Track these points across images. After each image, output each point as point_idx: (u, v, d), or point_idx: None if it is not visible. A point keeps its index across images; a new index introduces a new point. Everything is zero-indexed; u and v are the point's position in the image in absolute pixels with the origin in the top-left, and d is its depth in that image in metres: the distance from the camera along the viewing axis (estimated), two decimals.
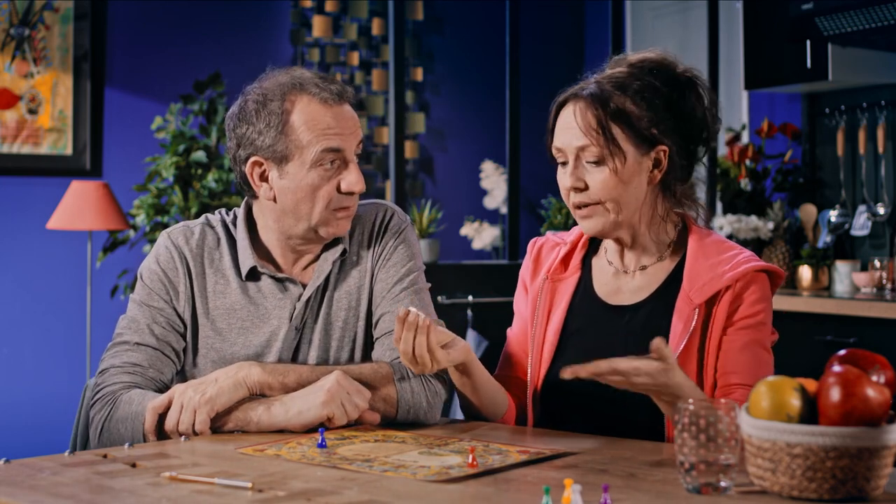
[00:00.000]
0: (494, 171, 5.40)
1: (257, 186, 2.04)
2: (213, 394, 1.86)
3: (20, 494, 1.47)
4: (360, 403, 1.88)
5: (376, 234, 2.11)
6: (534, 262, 2.14)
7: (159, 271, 2.05)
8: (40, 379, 4.73)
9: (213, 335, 2.04)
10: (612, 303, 2.03)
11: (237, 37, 5.17)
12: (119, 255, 4.67)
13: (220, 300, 2.05)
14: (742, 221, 4.40)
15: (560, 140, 1.97)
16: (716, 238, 2.01)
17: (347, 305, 2.07)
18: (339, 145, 1.99)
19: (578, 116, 1.94)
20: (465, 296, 4.68)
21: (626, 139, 1.92)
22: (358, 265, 2.10)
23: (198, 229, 2.10)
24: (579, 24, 5.98)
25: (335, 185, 2.01)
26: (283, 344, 2.03)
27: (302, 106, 2.00)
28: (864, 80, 4.25)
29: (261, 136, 2.01)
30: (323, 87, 2.01)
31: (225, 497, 1.45)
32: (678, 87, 1.96)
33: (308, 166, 1.99)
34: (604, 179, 1.93)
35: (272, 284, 2.06)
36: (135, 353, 2.00)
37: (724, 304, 1.91)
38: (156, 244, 2.10)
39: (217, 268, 2.07)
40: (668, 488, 1.49)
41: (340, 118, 2.01)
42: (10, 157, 4.69)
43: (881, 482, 1.42)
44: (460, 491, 1.49)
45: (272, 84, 2.04)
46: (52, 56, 4.77)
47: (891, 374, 1.47)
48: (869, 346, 1.79)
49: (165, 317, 2.03)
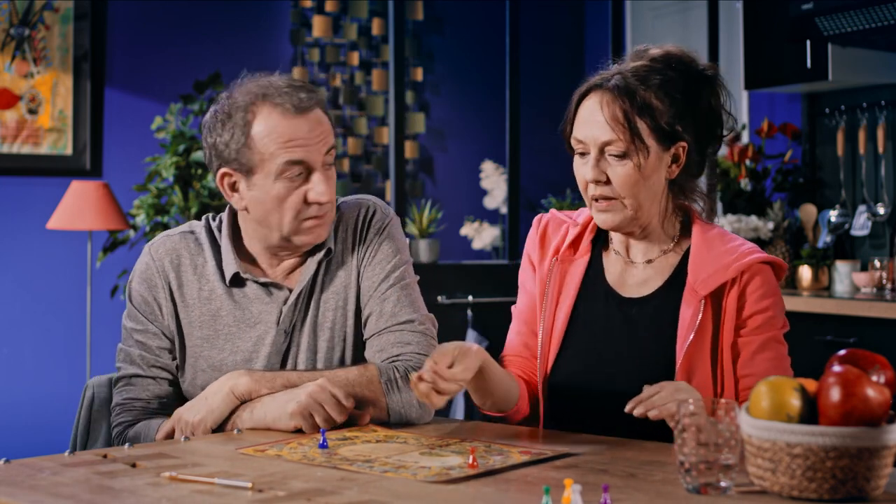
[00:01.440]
0: (494, 171, 5.39)
1: (229, 196, 2.03)
2: (205, 414, 1.92)
3: (20, 494, 1.47)
4: (335, 415, 1.86)
5: (360, 231, 2.09)
6: (540, 238, 2.12)
7: (141, 289, 2.06)
8: (40, 379, 4.73)
9: (201, 343, 2.04)
10: (621, 293, 2.03)
11: (237, 37, 5.17)
12: (119, 255, 4.67)
13: (206, 306, 2.05)
14: (742, 221, 4.40)
15: (583, 132, 1.95)
16: (719, 230, 2.01)
17: (335, 306, 2.06)
18: (302, 157, 1.96)
19: (605, 109, 1.92)
20: (465, 296, 4.67)
21: (649, 134, 1.92)
22: (343, 264, 2.08)
23: (177, 237, 2.09)
24: (579, 24, 5.98)
25: (302, 196, 1.98)
26: (272, 348, 2.03)
27: (263, 117, 1.96)
28: (864, 80, 4.25)
29: (227, 148, 1.99)
30: (287, 95, 1.96)
31: (225, 497, 1.45)
32: (698, 82, 1.97)
33: (273, 178, 1.96)
34: (626, 174, 1.92)
35: (257, 289, 2.05)
36: (133, 388, 2.04)
37: (733, 298, 1.92)
38: (139, 259, 2.10)
39: (200, 274, 2.06)
40: (668, 488, 1.49)
41: (304, 128, 1.96)
42: (10, 157, 4.69)
43: (881, 482, 1.42)
44: (460, 491, 1.49)
45: (239, 93, 2.00)
46: (52, 56, 4.77)
47: (891, 374, 1.47)
48: (869, 346, 1.80)
49: (153, 339, 2.04)
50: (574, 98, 1.99)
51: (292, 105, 1.96)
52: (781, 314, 1.96)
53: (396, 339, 2.01)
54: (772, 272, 1.97)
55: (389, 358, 2.00)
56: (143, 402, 2.03)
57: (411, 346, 2.01)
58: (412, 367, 1.97)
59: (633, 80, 1.93)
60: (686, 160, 1.97)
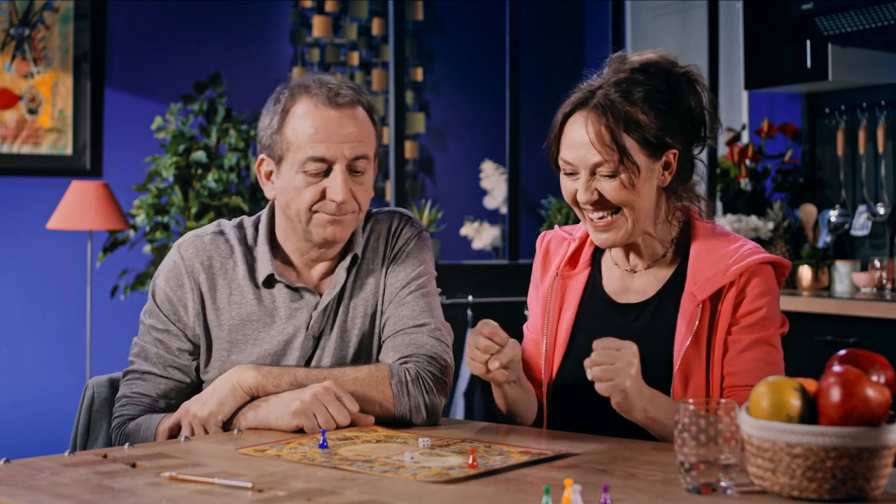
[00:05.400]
0: (494, 171, 5.40)
1: (263, 184, 2.04)
2: (215, 407, 1.91)
3: (20, 494, 1.47)
4: (337, 417, 1.86)
5: (390, 240, 2.09)
6: (543, 257, 2.14)
7: (167, 289, 2.04)
8: (40, 379, 4.73)
9: (230, 346, 2.02)
10: (620, 301, 2.04)
11: (237, 37, 5.17)
12: (119, 255, 4.67)
13: (236, 311, 2.03)
14: (742, 221, 4.40)
15: (570, 154, 1.94)
16: (720, 231, 2.01)
17: (364, 313, 2.06)
18: (323, 154, 1.95)
19: (591, 131, 1.91)
20: (465, 296, 4.68)
21: (639, 150, 1.91)
22: (373, 272, 2.08)
23: (208, 238, 2.07)
24: (579, 24, 5.98)
25: (320, 191, 1.97)
26: (300, 353, 2.02)
27: (299, 106, 1.98)
28: (864, 80, 4.25)
29: (266, 133, 2.01)
30: (327, 88, 1.97)
31: (225, 497, 1.45)
32: (678, 86, 1.96)
33: (295, 169, 1.97)
34: (618, 188, 1.92)
35: (287, 292, 2.04)
36: (144, 384, 2.03)
37: (729, 300, 1.92)
38: (166, 257, 2.08)
39: (231, 278, 2.04)
40: (668, 488, 1.49)
41: (334, 121, 1.96)
42: (10, 157, 4.69)
43: (881, 482, 1.42)
44: (460, 491, 1.49)
45: (293, 83, 2.02)
46: (52, 56, 4.77)
47: (891, 374, 1.47)
48: (869, 346, 1.79)
49: (174, 340, 2.03)
50: (558, 117, 1.97)
51: (327, 98, 1.96)
52: (776, 315, 1.95)
53: (411, 340, 2.01)
54: (772, 272, 1.96)
55: (402, 358, 2.00)
56: (151, 399, 2.02)
57: (425, 348, 2.00)
58: (423, 370, 1.97)
59: (617, 95, 1.91)
60: (677, 165, 1.97)
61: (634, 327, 1.99)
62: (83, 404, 2.18)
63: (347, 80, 2.04)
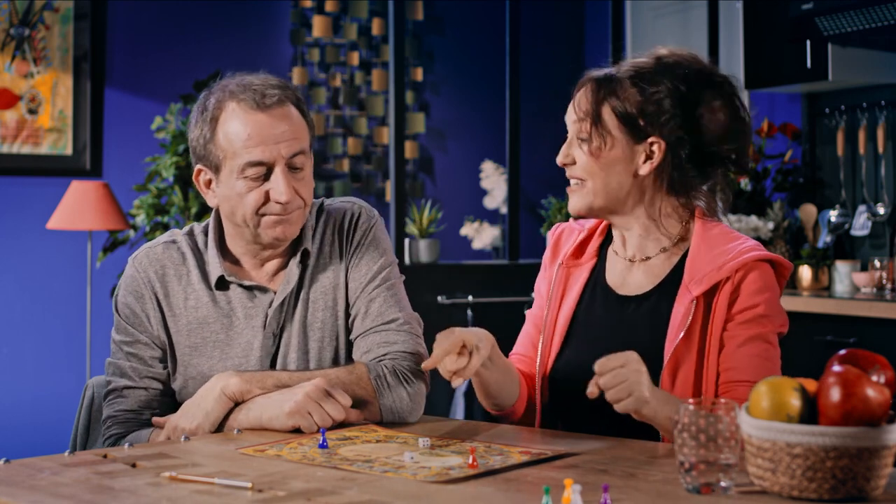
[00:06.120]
0: (494, 171, 5.39)
1: (204, 193, 2.05)
2: (201, 419, 1.91)
3: (20, 494, 1.47)
4: (333, 413, 1.87)
5: (346, 233, 2.10)
6: (553, 246, 2.18)
7: (128, 300, 2.06)
8: (40, 379, 4.73)
9: (190, 351, 2.04)
10: (621, 293, 2.04)
11: (237, 37, 5.17)
12: (119, 255, 4.67)
13: (192, 314, 2.04)
14: (742, 221, 4.40)
15: (566, 118, 2.03)
16: (722, 229, 2.01)
17: (324, 305, 2.07)
18: (260, 157, 1.95)
19: (580, 96, 2.00)
20: (465, 296, 4.67)
21: (617, 126, 1.96)
22: (331, 265, 2.09)
23: (160, 248, 2.09)
24: (579, 24, 5.98)
25: (263, 194, 1.98)
26: (262, 352, 2.03)
27: (228, 114, 1.97)
28: (864, 80, 4.25)
29: (198, 144, 2.01)
30: (253, 92, 1.96)
31: (225, 497, 1.45)
32: (699, 87, 1.97)
33: (235, 175, 1.97)
34: (585, 156, 1.99)
35: (241, 293, 2.05)
36: (125, 400, 2.03)
37: (724, 296, 1.92)
38: (124, 272, 2.10)
39: (185, 283, 2.06)
40: (668, 488, 1.49)
41: (266, 124, 1.96)
42: (10, 157, 4.69)
43: (881, 482, 1.42)
44: (460, 491, 1.49)
45: (216, 90, 2.02)
46: (52, 56, 4.77)
47: (891, 374, 1.47)
48: (869, 346, 1.79)
49: (145, 349, 2.04)
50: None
51: (255, 101, 1.96)
52: (775, 313, 1.94)
53: (382, 338, 2.03)
54: (770, 270, 1.96)
55: (376, 358, 2.01)
56: (135, 413, 2.03)
57: (397, 344, 2.02)
58: (399, 364, 1.99)
59: (622, 73, 1.99)
60: (670, 159, 1.97)
61: (630, 319, 2.00)
62: (83, 404, 2.18)
63: (270, 77, 2.02)
